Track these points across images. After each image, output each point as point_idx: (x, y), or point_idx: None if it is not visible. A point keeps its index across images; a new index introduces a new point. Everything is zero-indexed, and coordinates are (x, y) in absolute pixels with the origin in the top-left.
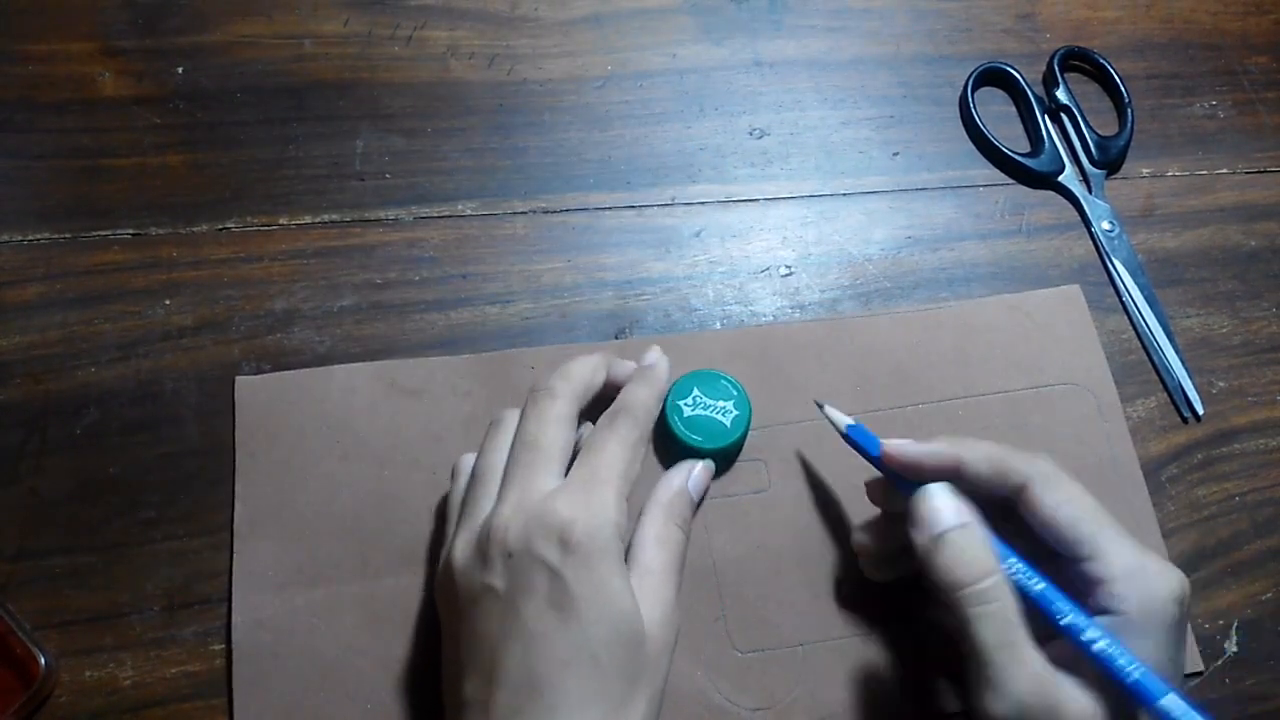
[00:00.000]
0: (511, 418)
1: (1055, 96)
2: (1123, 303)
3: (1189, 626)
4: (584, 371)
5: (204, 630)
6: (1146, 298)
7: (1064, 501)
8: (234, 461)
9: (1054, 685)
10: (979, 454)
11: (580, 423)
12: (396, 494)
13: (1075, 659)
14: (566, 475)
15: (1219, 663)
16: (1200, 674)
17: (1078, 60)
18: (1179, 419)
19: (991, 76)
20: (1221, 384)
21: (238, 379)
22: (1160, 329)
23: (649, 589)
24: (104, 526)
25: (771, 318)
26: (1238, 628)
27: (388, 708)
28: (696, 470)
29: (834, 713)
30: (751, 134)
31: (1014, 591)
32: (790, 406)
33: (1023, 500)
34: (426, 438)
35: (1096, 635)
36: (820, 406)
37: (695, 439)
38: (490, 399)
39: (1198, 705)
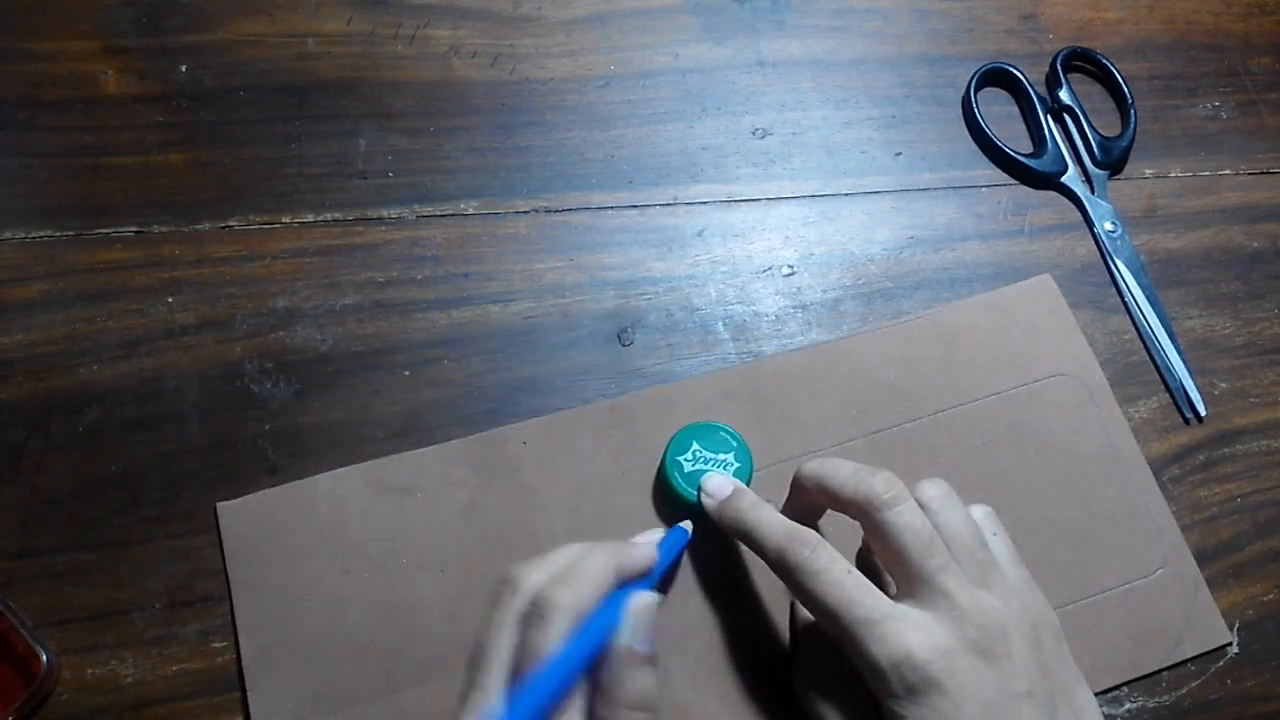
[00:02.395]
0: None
1: (1058, 97)
2: (1125, 303)
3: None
4: (589, 580)
5: (205, 628)
6: (1149, 298)
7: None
8: (228, 583)
9: None
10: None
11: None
12: (407, 600)
13: None
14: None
15: (1220, 663)
16: (1217, 654)
17: (1080, 61)
18: (1181, 420)
19: (994, 77)
20: (1223, 385)
21: (218, 505)
22: (1162, 329)
23: None
24: (105, 524)
25: (774, 317)
26: (1239, 628)
27: None
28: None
29: None
30: (754, 134)
31: None
32: (790, 441)
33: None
34: (428, 534)
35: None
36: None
37: (698, 495)
38: (486, 483)
39: None
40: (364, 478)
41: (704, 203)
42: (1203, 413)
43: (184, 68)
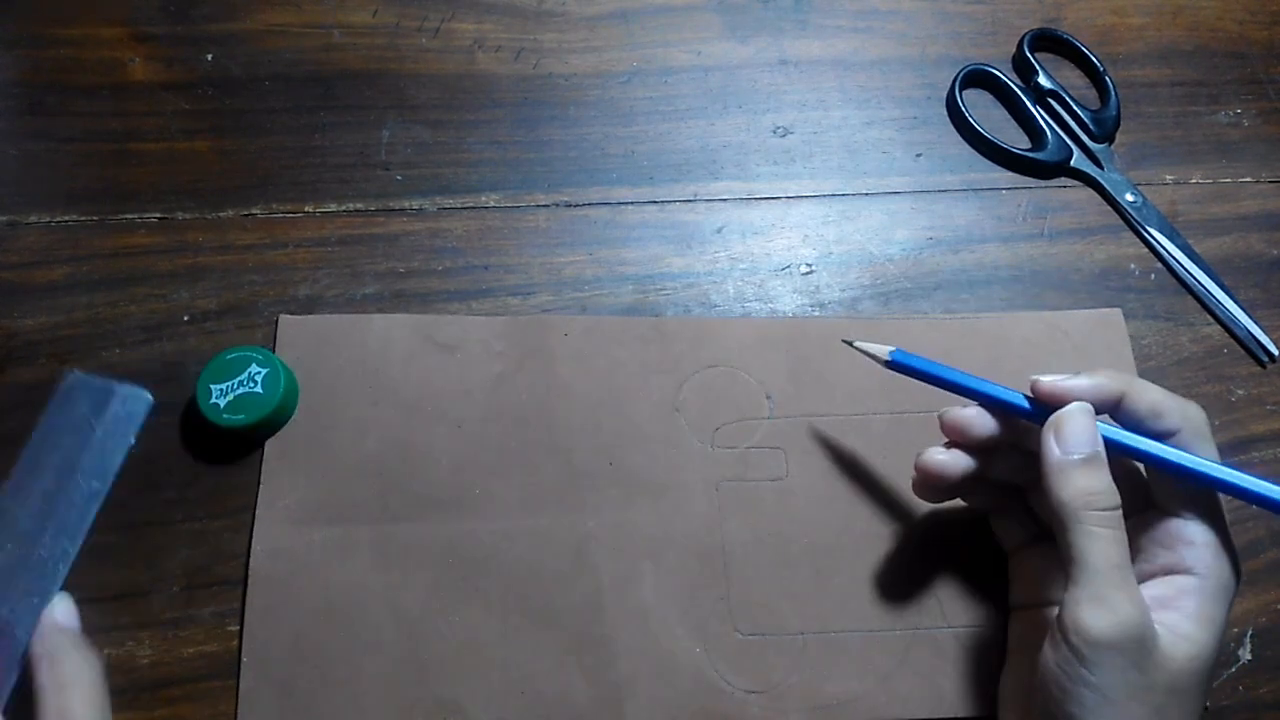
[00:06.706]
0: None
1: (1038, 84)
2: (1169, 267)
3: None
4: None
5: (222, 611)
6: (1190, 256)
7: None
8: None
9: (1151, 618)
10: (1143, 393)
11: None
12: (420, 444)
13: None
14: None
15: (1232, 670)
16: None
17: (1045, 42)
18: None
19: (975, 79)
20: (1241, 392)
21: (281, 317)
22: (1213, 283)
23: None
24: (125, 506)
25: (791, 315)
26: (1252, 635)
27: (390, 648)
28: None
29: (827, 705)
30: (775, 132)
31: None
32: (814, 400)
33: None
34: (456, 392)
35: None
36: (851, 343)
37: (239, 419)
38: (521, 360)
39: None
40: (415, 328)
41: (724, 200)
42: (1275, 352)
43: (210, 56)
